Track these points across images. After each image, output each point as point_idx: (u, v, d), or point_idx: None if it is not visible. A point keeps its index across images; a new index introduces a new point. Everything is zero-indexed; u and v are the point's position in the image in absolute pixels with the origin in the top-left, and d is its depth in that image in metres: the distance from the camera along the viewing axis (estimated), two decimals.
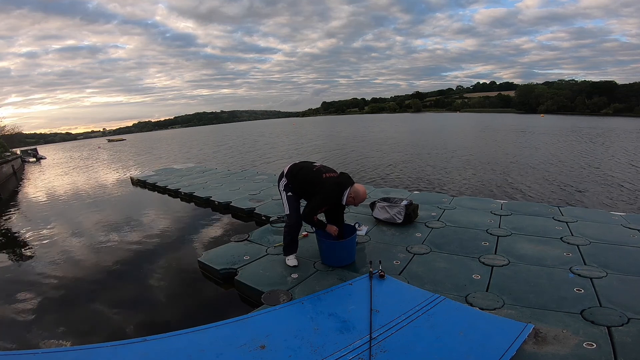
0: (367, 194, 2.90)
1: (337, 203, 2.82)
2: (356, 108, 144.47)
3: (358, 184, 2.84)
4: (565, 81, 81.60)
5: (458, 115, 66.04)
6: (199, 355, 1.85)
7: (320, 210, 2.80)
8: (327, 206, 2.83)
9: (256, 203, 5.25)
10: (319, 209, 2.77)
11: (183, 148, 23.84)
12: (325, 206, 2.81)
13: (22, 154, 22.81)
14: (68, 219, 6.11)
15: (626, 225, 3.55)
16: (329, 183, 2.74)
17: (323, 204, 2.76)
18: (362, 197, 2.79)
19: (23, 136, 67.04)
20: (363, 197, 2.80)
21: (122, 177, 11.10)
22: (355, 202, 2.80)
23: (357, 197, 2.76)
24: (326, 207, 2.83)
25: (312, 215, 2.75)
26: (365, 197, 2.82)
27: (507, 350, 1.73)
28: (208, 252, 3.42)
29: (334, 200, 2.77)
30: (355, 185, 2.78)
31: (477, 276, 2.61)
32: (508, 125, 27.53)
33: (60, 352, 2.03)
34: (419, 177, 8.57)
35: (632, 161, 9.75)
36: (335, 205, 2.89)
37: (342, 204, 2.81)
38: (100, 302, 2.91)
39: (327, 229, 2.87)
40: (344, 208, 3.02)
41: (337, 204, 2.83)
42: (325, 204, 2.77)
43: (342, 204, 2.84)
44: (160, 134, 74.50)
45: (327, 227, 2.87)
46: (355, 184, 2.82)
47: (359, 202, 2.82)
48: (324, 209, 2.85)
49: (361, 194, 2.78)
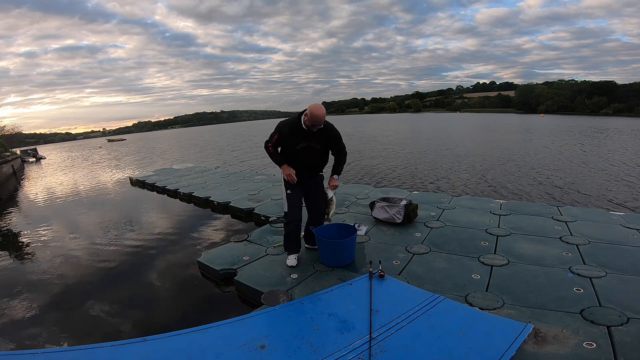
0: (323, 112, 2.60)
1: (302, 138, 2.71)
2: (356, 108, 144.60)
3: (317, 103, 2.64)
4: (566, 81, 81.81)
5: (458, 115, 66.09)
6: (199, 355, 1.84)
7: (273, 139, 2.76)
8: (282, 135, 2.73)
9: (255, 203, 5.25)
10: (271, 137, 2.77)
11: (182, 148, 23.93)
12: (278, 132, 2.74)
13: (22, 154, 22.77)
14: (67, 219, 6.11)
15: (625, 225, 3.56)
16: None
17: (275, 130, 2.75)
18: (314, 112, 2.56)
19: (23, 136, 67.01)
20: (316, 112, 2.56)
21: (121, 177, 11.10)
22: (311, 120, 2.60)
23: (310, 114, 2.58)
24: (279, 135, 2.74)
25: (266, 143, 2.82)
26: (318, 112, 2.57)
27: (507, 350, 1.73)
28: (207, 253, 3.42)
29: (290, 124, 2.71)
30: (311, 104, 2.60)
31: (477, 276, 2.61)
32: (508, 125, 27.54)
33: (60, 352, 2.03)
34: (418, 177, 8.58)
35: (632, 161, 9.76)
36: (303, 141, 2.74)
37: (303, 127, 2.68)
38: (99, 302, 2.91)
39: (283, 168, 2.82)
40: (320, 151, 2.84)
41: (304, 139, 2.72)
42: (277, 129, 2.75)
43: (306, 135, 2.71)
44: (160, 134, 74.54)
45: (283, 166, 2.81)
46: (315, 103, 2.63)
47: (314, 120, 2.59)
48: (276, 138, 2.76)
49: (313, 110, 2.56)
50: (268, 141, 2.82)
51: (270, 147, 2.82)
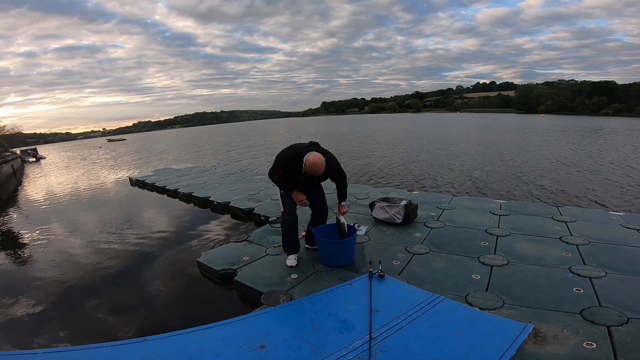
0: (321, 165, 2.63)
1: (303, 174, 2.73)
2: (356, 108, 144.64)
3: (315, 153, 2.64)
4: (565, 81, 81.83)
5: (458, 115, 66.09)
6: (199, 355, 1.84)
7: (277, 173, 2.78)
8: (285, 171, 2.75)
9: (255, 203, 5.25)
10: (275, 170, 2.80)
11: (181, 148, 23.95)
12: (280, 169, 2.75)
13: (22, 153, 22.78)
14: (67, 219, 6.11)
15: (625, 225, 3.56)
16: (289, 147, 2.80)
17: (278, 166, 2.77)
18: (311, 167, 2.61)
19: (23, 136, 67.02)
20: (313, 168, 2.61)
21: (121, 177, 11.09)
22: (309, 171, 2.64)
23: (308, 166, 2.62)
24: (282, 170, 2.75)
25: (270, 175, 2.89)
26: (316, 168, 2.61)
27: (507, 350, 1.73)
28: (207, 253, 3.42)
29: (291, 165, 2.72)
30: (309, 154, 2.62)
31: (477, 276, 2.62)
32: (508, 125, 27.56)
33: (60, 352, 2.03)
34: (418, 176, 8.58)
35: (632, 160, 9.76)
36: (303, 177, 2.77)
37: (302, 172, 2.71)
38: (99, 303, 2.91)
39: (293, 195, 2.86)
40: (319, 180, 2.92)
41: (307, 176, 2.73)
42: (279, 166, 2.76)
43: (305, 174, 2.73)
44: (160, 134, 74.53)
45: (294, 193, 2.86)
46: (313, 152, 2.64)
47: (313, 172, 2.63)
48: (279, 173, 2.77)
49: (310, 163, 2.60)
50: (272, 174, 2.88)
51: (275, 179, 2.86)
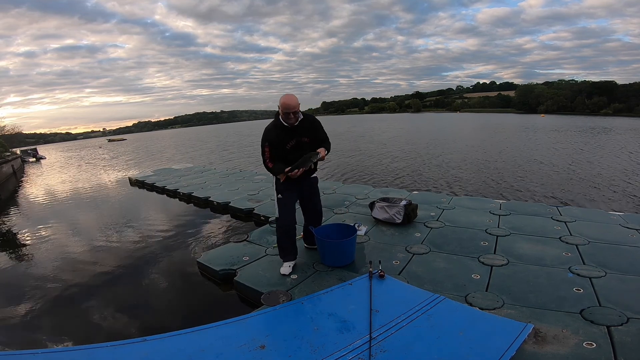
0: (293, 98, 2.59)
1: (286, 138, 2.67)
2: (356, 108, 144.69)
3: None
4: (566, 81, 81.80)
5: (458, 115, 66.08)
6: (199, 355, 1.84)
7: (267, 153, 2.70)
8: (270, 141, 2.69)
9: (255, 203, 5.25)
10: (263, 150, 2.71)
11: (180, 147, 23.99)
12: (267, 142, 2.69)
13: (22, 154, 22.78)
14: (67, 219, 6.10)
15: (625, 225, 3.56)
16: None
17: (264, 141, 2.70)
18: (285, 106, 2.56)
19: (23, 136, 67.05)
20: (287, 104, 2.56)
21: (121, 177, 11.09)
22: (283, 109, 2.59)
23: (281, 105, 2.58)
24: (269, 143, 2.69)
25: (264, 162, 2.73)
26: (289, 101, 2.57)
27: (507, 350, 1.73)
28: (207, 253, 3.42)
29: (272, 132, 2.67)
30: (280, 98, 2.60)
31: (477, 276, 2.62)
32: (508, 125, 27.55)
33: (60, 352, 2.03)
34: (418, 176, 8.58)
35: (631, 160, 9.76)
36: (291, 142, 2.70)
37: (285, 125, 2.65)
38: (99, 303, 2.91)
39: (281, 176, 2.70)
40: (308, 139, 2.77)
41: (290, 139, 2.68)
42: (264, 139, 2.70)
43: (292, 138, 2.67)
44: (160, 134, 74.53)
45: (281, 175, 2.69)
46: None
47: (286, 108, 2.57)
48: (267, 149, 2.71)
49: (282, 102, 2.56)
50: (264, 159, 2.74)
51: (268, 163, 2.73)
